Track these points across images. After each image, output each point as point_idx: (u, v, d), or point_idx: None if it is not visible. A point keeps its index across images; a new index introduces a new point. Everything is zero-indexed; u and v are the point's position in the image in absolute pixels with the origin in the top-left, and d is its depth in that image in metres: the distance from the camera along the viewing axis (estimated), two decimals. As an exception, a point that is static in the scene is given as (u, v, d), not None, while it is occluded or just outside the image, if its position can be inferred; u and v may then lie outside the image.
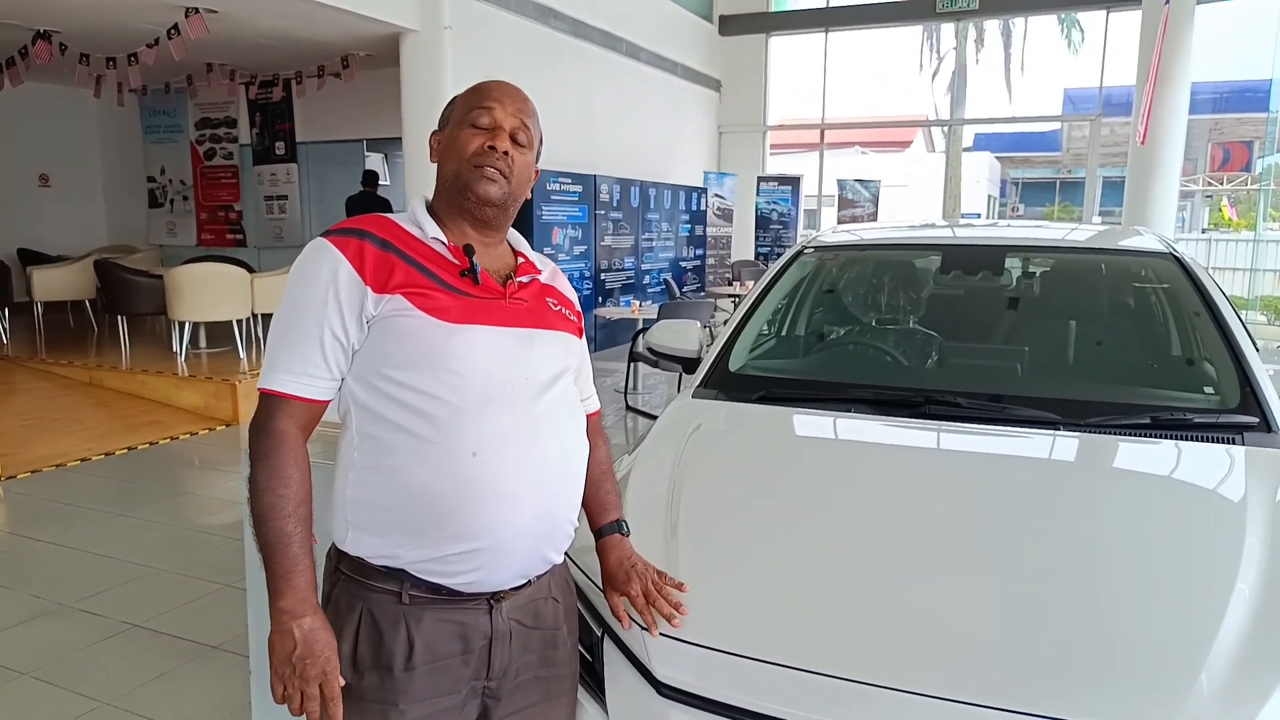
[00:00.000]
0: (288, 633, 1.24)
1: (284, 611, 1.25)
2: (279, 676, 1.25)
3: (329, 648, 1.27)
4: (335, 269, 1.31)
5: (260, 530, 1.27)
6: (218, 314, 7.67)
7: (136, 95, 11.12)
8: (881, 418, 2.22)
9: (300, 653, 1.24)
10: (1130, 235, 3.03)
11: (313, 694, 1.25)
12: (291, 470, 1.29)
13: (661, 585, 1.53)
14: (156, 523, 4.58)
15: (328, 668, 1.26)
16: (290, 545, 1.26)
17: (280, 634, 1.25)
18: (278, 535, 1.26)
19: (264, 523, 1.27)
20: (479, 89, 1.44)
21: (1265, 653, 1.33)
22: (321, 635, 1.27)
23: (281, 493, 1.27)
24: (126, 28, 7.76)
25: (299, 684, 1.24)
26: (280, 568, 1.26)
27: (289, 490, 1.28)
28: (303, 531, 1.28)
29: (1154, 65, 10.11)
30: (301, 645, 1.24)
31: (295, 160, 11.17)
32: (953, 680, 1.32)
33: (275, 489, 1.27)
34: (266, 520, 1.27)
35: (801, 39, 14.54)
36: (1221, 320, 2.35)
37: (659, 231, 11.53)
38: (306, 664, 1.24)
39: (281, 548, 1.26)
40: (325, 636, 1.27)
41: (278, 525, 1.26)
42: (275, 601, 1.26)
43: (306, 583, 1.27)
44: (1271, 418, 2.05)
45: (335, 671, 1.27)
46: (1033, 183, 29.77)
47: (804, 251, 3.05)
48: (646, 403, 7.30)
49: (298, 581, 1.26)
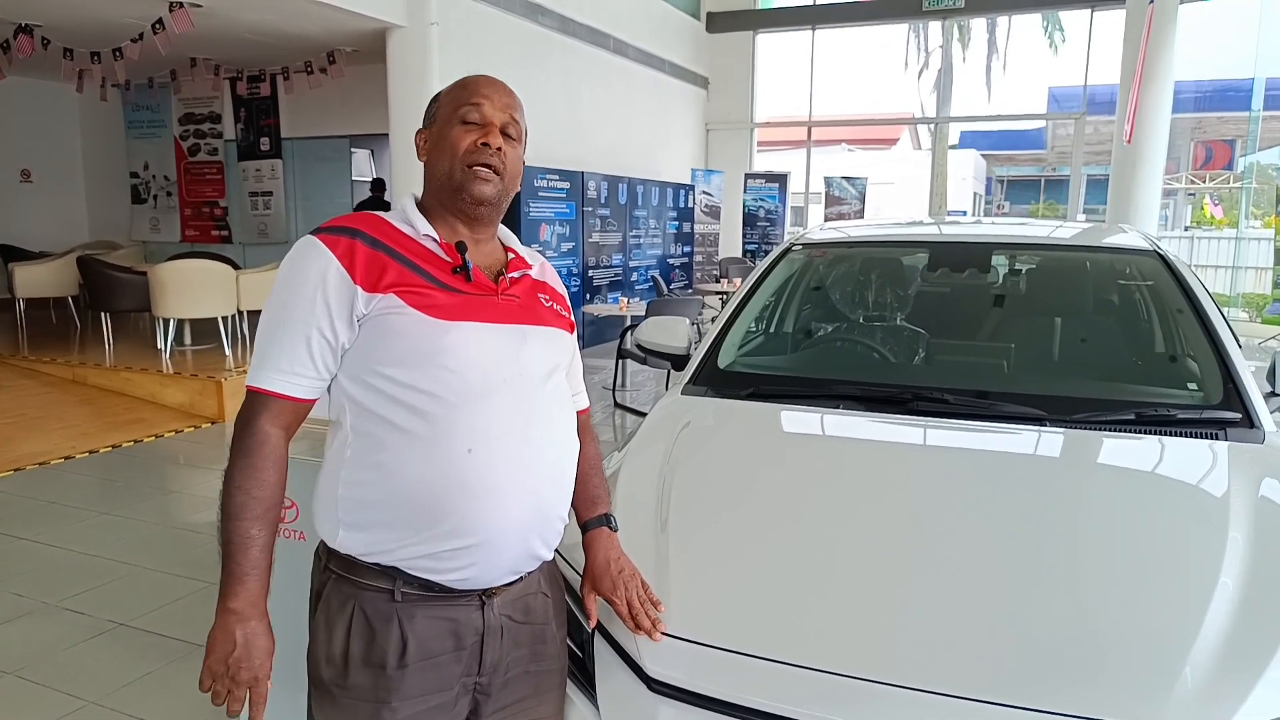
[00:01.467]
0: (230, 633, 1.26)
1: (232, 612, 1.26)
2: (211, 672, 1.26)
3: (265, 654, 1.28)
4: (325, 268, 1.30)
5: (226, 527, 1.28)
6: (202, 311, 7.61)
7: (119, 90, 11.02)
8: (869, 414, 2.23)
9: (238, 655, 1.25)
10: (1115, 233, 3.06)
11: (239, 696, 1.26)
12: (268, 472, 1.29)
13: (645, 598, 1.51)
14: (141, 521, 4.55)
15: (259, 673, 1.27)
16: (251, 548, 1.27)
17: (223, 632, 1.26)
18: (242, 536, 1.27)
19: (231, 521, 1.28)
20: (465, 84, 1.43)
21: (1248, 647, 1.35)
22: (261, 641, 1.28)
23: (255, 494, 1.28)
24: (110, 22, 7.69)
25: (228, 684, 1.26)
26: (239, 568, 1.27)
27: (262, 493, 1.28)
28: (267, 536, 1.29)
29: (1139, 64, 10.19)
30: (240, 648, 1.25)
31: (280, 156, 11.10)
32: (939, 675, 1.33)
33: (249, 489, 1.28)
34: (234, 519, 1.28)
35: (788, 36, 14.56)
36: (1205, 317, 2.37)
37: (647, 228, 11.53)
38: (241, 667, 1.26)
39: (243, 549, 1.27)
40: (264, 643, 1.28)
41: (244, 526, 1.27)
42: (225, 600, 1.27)
43: (259, 587, 1.28)
44: (1254, 413, 2.07)
45: (266, 677, 1.28)
46: (1018, 180, 29.92)
47: (792, 249, 3.06)
48: (634, 400, 7.30)
49: (251, 585, 1.27)
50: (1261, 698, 1.26)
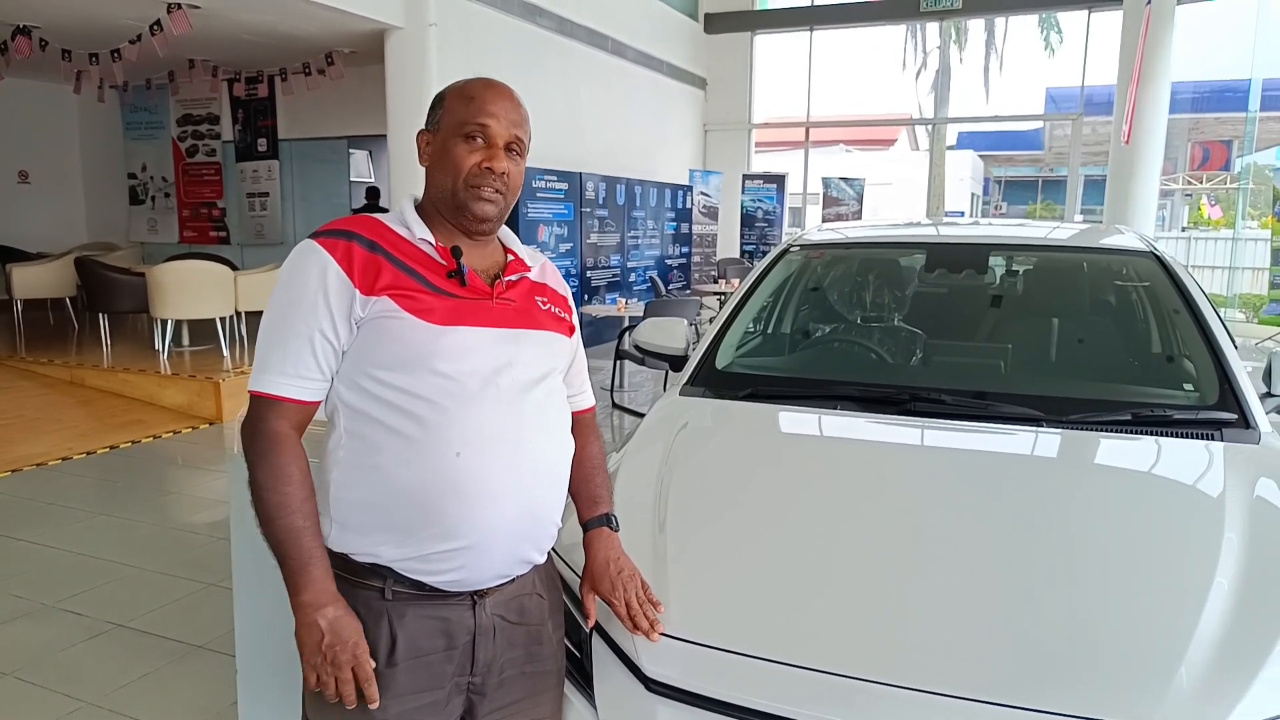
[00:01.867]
0: (313, 624, 1.26)
1: (307, 604, 1.26)
2: (312, 666, 1.27)
3: (356, 632, 1.28)
4: (324, 271, 1.31)
5: (270, 529, 1.28)
6: (201, 312, 7.61)
7: (117, 91, 11.02)
8: (867, 414, 2.24)
9: (329, 641, 1.26)
10: (1111, 234, 3.07)
11: (346, 678, 1.26)
12: (292, 468, 1.30)
13: (644, 599, 1.51)
14: (139, 522, 4.55)
15: (358, 651, 1.27)
16: (302, 539, 1.27)
17: (306, 626, 1.26)
18: (288, 531, 1.27)
19: (272, 521, 1.28)
20: (472, 96, 1.40)
21: (1244, 646, 1.35)
22: (347, 621, 1.28)
23: (286, 490, 1.28)
24: (108, 23, 7.69)
25: (332, 670, 1.26)
26: (296, 562, 1.27)
27: (292, 487, 1.29)
28: (311, 525, 1.29)
29: (1136, 65, 10.20)
30: (329, 634, 1.26)
31: (277, 157, 11.09)
32: (936, 675, 1.34)
33: (279, 488, 1.28)
34: (275, 519, 1.27)
35: (786, 37, 14.56)
36: (1201, 318, 2.38)
37: (645, 229, 11.54)
38: (337, 650, 1.26)
39: (294, 543, 1.27)
40: (350, 622, 1.28)
41: (287, 522, 1.27)
42: (296, 596, 1.27)
43: (324, 573, 1.28)
44: (1249, 414, 2.08)
45: (365, 654, 1.28)
46: (1016, 181, 29.94)
47: (790, 250, 3.07)
48: (632, 400, 7.31)
49: (315, 573, 1.27)
50: (1257, 697, 1.27)
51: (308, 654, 1.26)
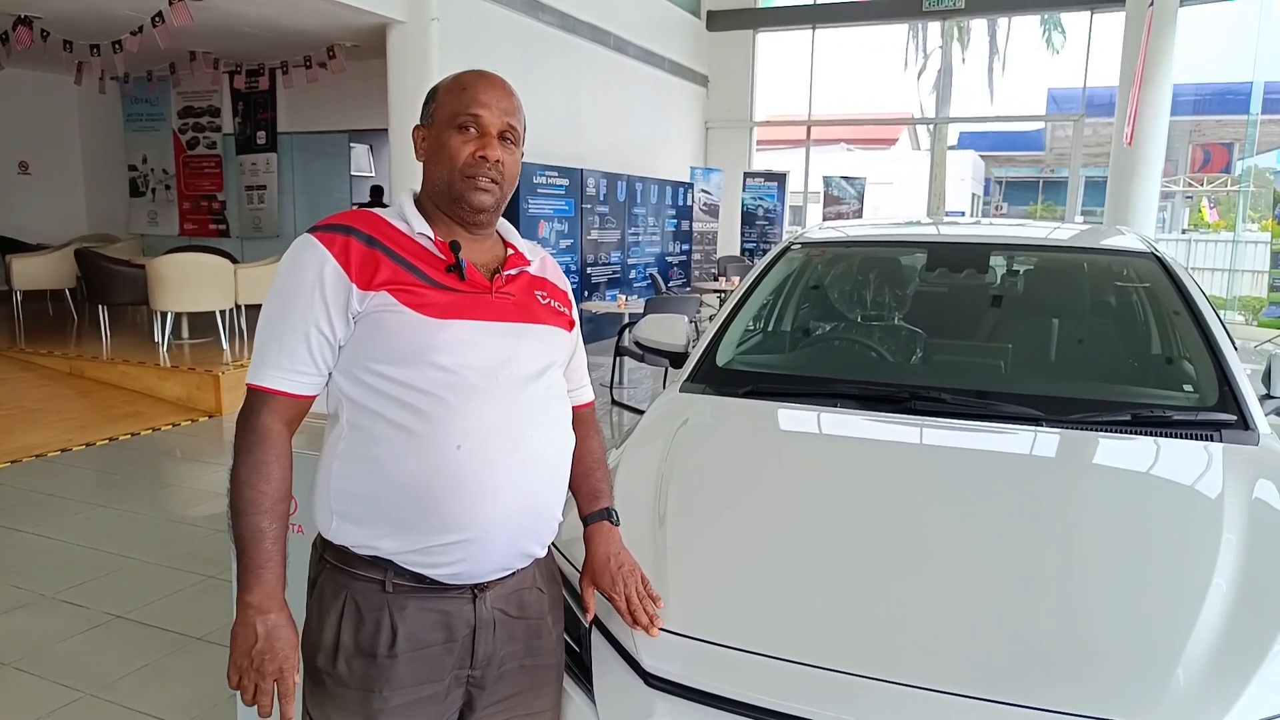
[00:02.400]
0: (251, 626, 1.27)
1: (250, 606, 1.27)
2: (236, 667, 1.28)
3: (290, 646, 1.29)
4: (321, 266, 1.31)
5: (237, 524, 1.29)
6: (201, 304, 7.61)
7: (118, 83, 10.99)
8: (867, 413, 2.24)
9: (260, 647, 1.26)
10: (1112, 235, 3.07)
11: (266, 689, 1.27)
12: (273, 467, 1.30)
13: (644, 594, 1.51)
14: (138, 514, 4.56)
15: (285, 665, 1.28)
16: (263, 541, 1.28)
17: (244, 626, 1.27)
18: (253, 530, 1.28)
19: (241, 517, 1.28)
20: (463, 86, 1.41)
21: (1241, 647, 1.36)
22: (284, 633, 1.29)
23: (261, 489, 1.29)
24: (110, 14, 7.68)
25: (254, 677, 1.27)
26: (253, 563, 1.28)
27: (268, 487, 1.29)
28: (277, 528, 1.30)
29: (1139, 67, 10.20)
30: (263, 640, 1.27)
31: (276, 150, 11.08)
32: (935, 671, 1.34)
33: (255, 484, 1.29)
34: (244, 515, 1.28)
35: (788, 35, 14.56)
36: (1201, 319, 2.38)
37: (645, 226, 11.54)
38: (265, 659, 1.27)
39: (255, 543, 1.28)
40: (287, 635, 1.29)
41: (254, 521, 1.28)
42: (243, 595, 1.28)
43: (276, 579, 1.29)
44: (1249, 415, 2.09)
45: (292, 669, 1.29)
46: (1016, 181, 29.95)
47: (790, 247, 3.07)
48: (632, 397, 7.31)
49: (267, 577, 1.28)
50: (1254, 696, 1.27)
51: (237, 655, 1.27)
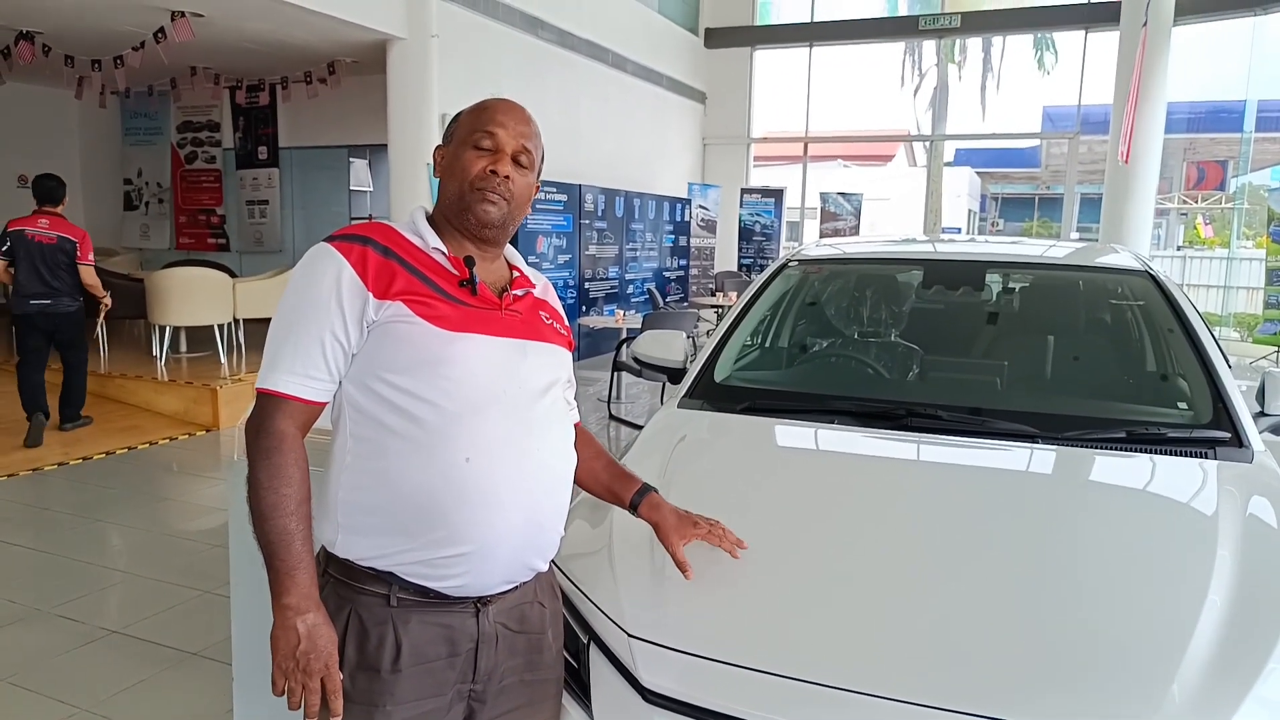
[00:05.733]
0: (291, 628, 1.26)
1: (288, 608, 1.27)
2: (282, 670, 1.27)
3: (331, 643, 1.29)
4: (339, 273, 1.33)
5: (263, 529, 1.28)
6: (199, 318, 7.63)
7: (118, 97, 11.04)
8: (863, 429, 2.25)
9: (304, 648, 1.26)
10: (1107, 252, 3.09)
11: (314, 688, 1.26)
12: (293, 469, 1.30)
13: (720, 526, 1.66)
14: (135, 528, 4.55)
15: (330, 662, 1.28)
16: (294, 543, 1.28)
17: (284, 629, 1.26)
18: (280, 533, 1.27)
19: (266, 521, 1.28)
20: (484, 109, 1.46)
21: (1235, 662, 1.36)
22: (324, 631, 1.28)
23: (284, 491, 1.29)
24: (111, 30, 7.72)
25: (301, 678, 1.26)
26: (285, 565, 1.27)
27: (291, 489, 1.29)
28: (304, 529, 1.30)
29: (1134, 85, 10.28)
30: (305, 640, 1.26)
31: (277, 165, 11.13)
32: (931, 687, 1.35)
33: (277, 488, 1.28)
34: (269, 519, 1.28)
35: (786, 53, 14.66)
36: (1195, 337, 2.40)
37: (643, 241, 11.57)
38: (310, 658, 1.26)
39: (285, 545, 1.27)
40: (327, 632, 1.29)
41: (281, 523, 1.28)
42: (279, 598, 1.27)
43: (309, 579, 1.29)
44: (1243, 433, 2.10)
45: (336, 666, 1.29)
46: (1012, 198, 30.08)
47: (788, 265, 3.09)
48: (629, 412, 7.31)
49: (301, 578, 1.28)
50: (1249, 714, 1.28)
51: (281, 658, 1.26)
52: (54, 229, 6.00)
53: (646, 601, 1.59)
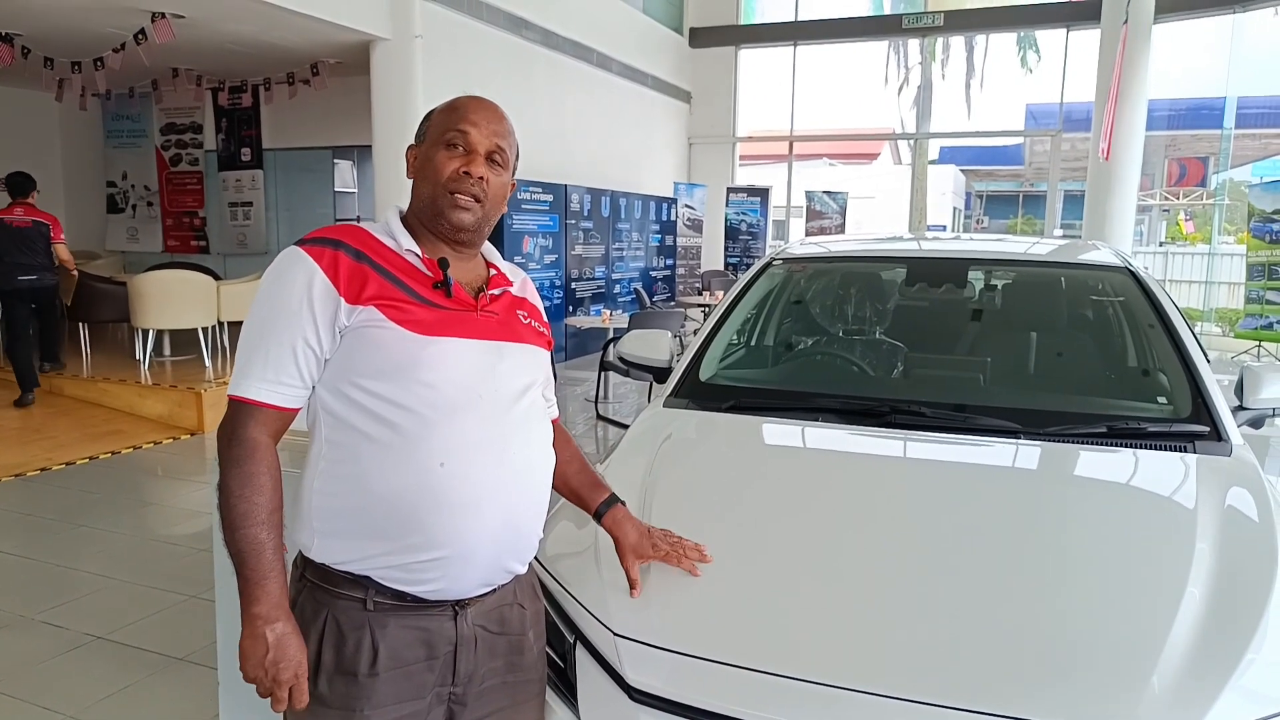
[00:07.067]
0: (261, 638, 1.26)
1: (258, 617, 1.26)
2: (253, 679, 1.27)
3: (300, 652, 1.29)
4: (310, 278, 1.31)
5: (233, 538, 1.27)
6: (183, 321, 7.57)
7: (100, 99, 10.94)
8: (848, 426, 2.27)
9: (273, 657, 1.26)
10: (1088, 249, 3.12)
11: (281, 697, 1.27)
12: (264, 478, 1.29)
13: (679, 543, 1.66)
14: (119, 533, 4.52)
15: (299, 671, 1.28)
16: (264, 552, 1.27)
17: (253, 639, 1.26)
18: (251, 542, 1.27)
19: (237, 530, 1.27)
20: (454, 107, 1.43)
21: (1214, 655, 1.38)
22: (293, 640, 1.28)
23: (255, 500, 1.28)
24: (91, 32, 7.66)
25: (270, 685, 1.27)
26: (254, 574, 1.27)
27: (262, 498, 1.28)
28: (275, 538, 1.29)
29: (1114, 83, 10.36)
30: (274, 649, 1.26)
31: (261, 167, 11.06)
32: (914, 682, 1.36)
33: (249, 496, 1.28)
34: (240, 528, 1.27)
35: (771, 52, 14.69)
36: (1174, 333, 2.43)
37: (629, 241, 11.58)
38: (280, 667, 1.26)
39: (255, 555, 1.27)
40: (296, 641, 1.29)
41: (251, 533, 1.27)
42: (249, 607, 1.27)
43: (279, 588, 1.28)
44: (1221, 427, 2.12)
45: (305, 675, 1.29)
46: (997, 195, 30.25)
47: (773, 263, 3.10)
48: (617, 411, 7.32)
49: (271, 587, 1.27)
50: (1227, 704, 1.30)
51: (250, 666, 1.27)
52: (29, 215, 7.05)
53: (632, 601, 1.59)
